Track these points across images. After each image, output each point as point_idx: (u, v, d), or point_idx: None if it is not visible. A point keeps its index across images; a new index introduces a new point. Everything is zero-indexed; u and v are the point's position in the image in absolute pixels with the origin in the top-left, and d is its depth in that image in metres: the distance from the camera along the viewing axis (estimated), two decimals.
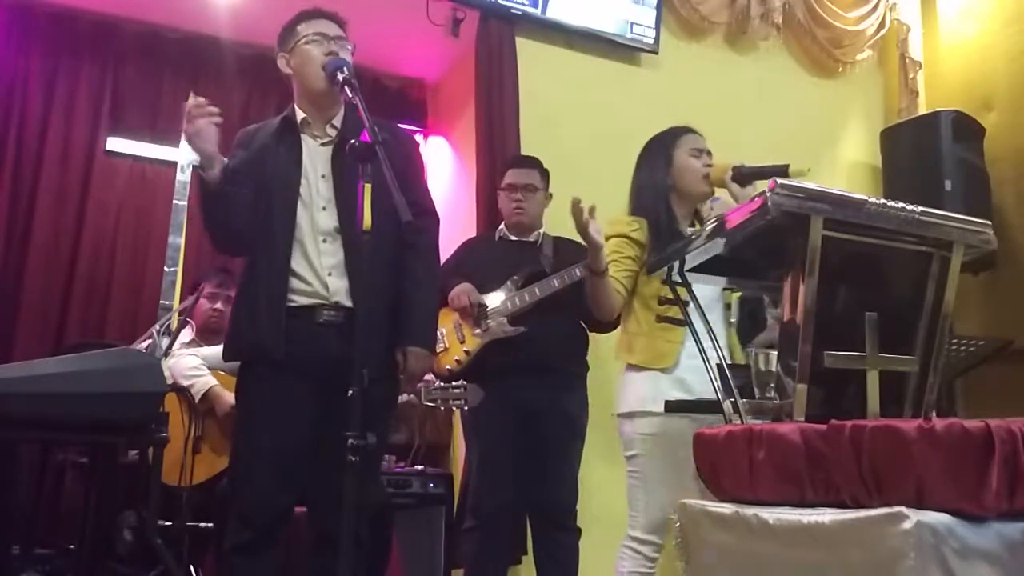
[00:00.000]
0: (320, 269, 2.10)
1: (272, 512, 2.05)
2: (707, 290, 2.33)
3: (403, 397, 2.59)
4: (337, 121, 2.21)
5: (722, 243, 1.85)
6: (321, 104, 2.18)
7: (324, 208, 2.14)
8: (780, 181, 1.66)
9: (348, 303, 2.09)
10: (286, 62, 2.22)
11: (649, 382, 2.32)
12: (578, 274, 2.84)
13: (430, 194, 2.40)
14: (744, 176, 2.41)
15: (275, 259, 2.09)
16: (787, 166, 2.33)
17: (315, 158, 2.18)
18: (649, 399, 2.30)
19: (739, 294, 3.09)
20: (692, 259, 1.97)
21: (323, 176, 2.16)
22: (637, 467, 2.33)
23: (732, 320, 2.50)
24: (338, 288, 2.10)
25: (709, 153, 2.50)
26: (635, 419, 2.34)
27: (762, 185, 2.38)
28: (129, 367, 2.02)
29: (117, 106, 3.83)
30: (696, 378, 2.28)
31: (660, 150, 2.52)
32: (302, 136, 2.19)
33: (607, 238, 2.42)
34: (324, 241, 2.12)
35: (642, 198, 2.49)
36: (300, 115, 2.20)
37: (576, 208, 2.26)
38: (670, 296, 2.33)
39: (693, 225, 2.51)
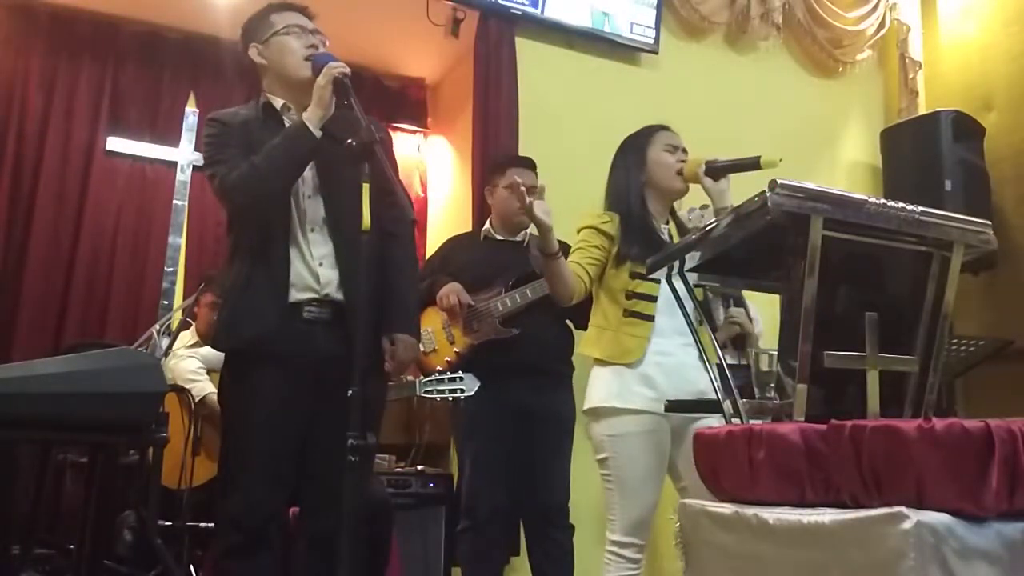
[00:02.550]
0: (311, 260, 2.08)
1: (263, 514, 2.02)
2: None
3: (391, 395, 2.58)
4: None
5: (722, 243, 1.85)
6: (300, 93, 2.13)
7: (310, 197, 2.12)
8: (781, 181, 1.65)
9: (338, 295, 2.08)
10: (258, 52, 2.19)
11: (613, 377, 2.32)
12: None
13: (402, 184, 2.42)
14: (717, 170, 2.38)
15: (274, 249, 2.07)
16: (759, 157, 2.31)
17: None
18: (614, 394, 2.30)
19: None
20: (692, 259, 1.96)
21: (308, 165, 2.13)
22: (608, 470, 2.32)
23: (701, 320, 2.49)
24: (329, 279, 2.08)
25: (684, 150, 2.49)
26: (600, 420, 2.33)
27: (735, 179, 2.40)
28: (129, 367, 2.01)
29: (117, 106, 3.83)
30: (661, 374, 2.29)
31: (634, 148, 2.50)
32: (285, 123, 2.15)
33: (578, 230, 2.42)
34: (312, 231, 2.10)
35: (616, 194, 2.47)
36: (279, 102, 2.18)
37: (516, 190, 2.24)
38: (638, 291, 2.34)
39: (668, 223, 2.50)
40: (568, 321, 3.03)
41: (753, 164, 2.32)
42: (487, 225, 3.12)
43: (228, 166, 2.05)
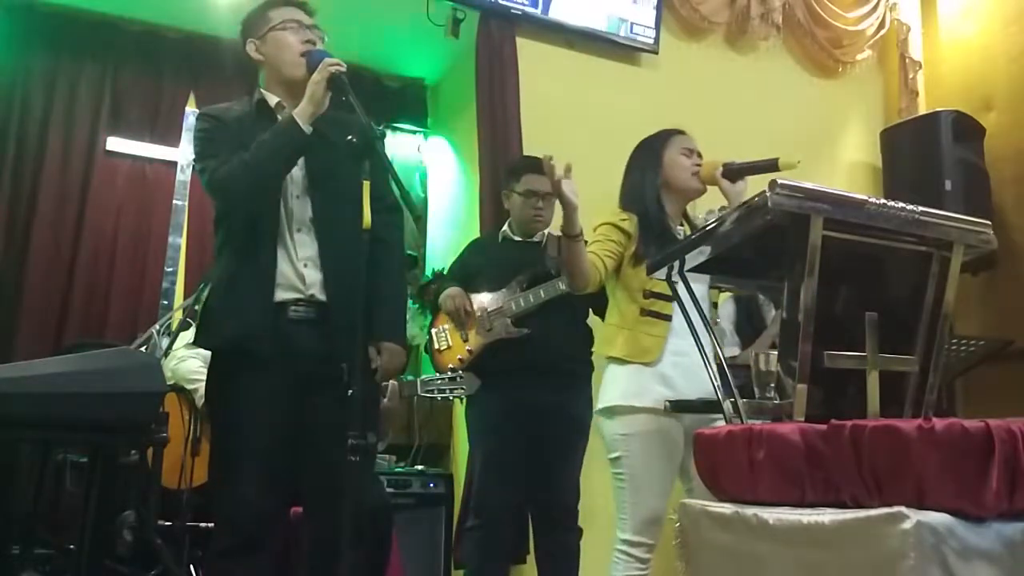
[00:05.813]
0: (296, 260, 2.06)
1: (256, 516, 1.99)
2: (693, 288, 2.33)
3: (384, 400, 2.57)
4: None
5: (722, 242, 1.85)
6: (295, 91, 2.10)
7: (298, 197, 2.10)
8: (780, 181, 1.66)
9: (322, 297, 2.06)
10: (255, 48, 2.18)
11: (631, 375, 2.33)
12: None
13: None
14: (734, 172, 2.42)
15: (260, 248, 2.04)
16: (777, 159, 2.34)
17: None
18: (631, 393, 2.30)
19: (727, 295, 3.10)
20: (692, 258, 1.96)
21: (297, 165, 2.10)
22: (621, 469, 2.33)
23: (717, 320, 2.51)
24: (314, 281, 2.06)
25: (699, 154, 2.52)
26: (615, 418, 2.33)
27: (753, 180, 2.41)
28: (129, 367, 2.01)
29: (117, 106, 3.83)
30: (679, 374, 2.29)
31: (650, 150, 2.53)
32: (280, 120, 2.12)
33: (596, 227, 2.43)
34: (299, 231, 2.08)
35: (632, 195, 2.50)
36: (273, 99, 2.16)
37: (548, 165, 2.21)
38: (656, 290, 2.34)
39: (682, 225, 2.52)
40: (596, 312, 3.03)
41: (771, 166, 2.35)
42: (505, 227, 3.12)
43: (218, 161, 2.03)
